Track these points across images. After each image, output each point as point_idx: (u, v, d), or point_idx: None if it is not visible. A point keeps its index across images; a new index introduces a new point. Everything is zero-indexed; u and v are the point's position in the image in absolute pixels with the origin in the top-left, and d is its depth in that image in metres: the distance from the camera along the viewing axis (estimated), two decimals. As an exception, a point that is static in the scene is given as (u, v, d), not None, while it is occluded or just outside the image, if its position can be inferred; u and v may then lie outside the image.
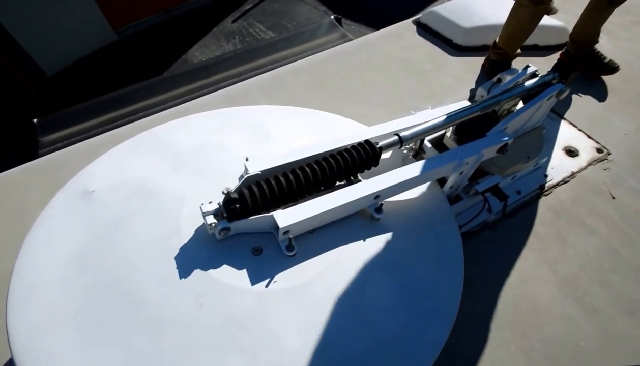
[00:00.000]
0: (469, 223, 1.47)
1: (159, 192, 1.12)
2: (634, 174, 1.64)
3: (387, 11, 6.63)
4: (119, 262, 0.96)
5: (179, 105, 1.92)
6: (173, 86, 2.21)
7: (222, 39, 7.74)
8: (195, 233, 1.00)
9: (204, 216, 0.94)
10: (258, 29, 7.94)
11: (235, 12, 8.28)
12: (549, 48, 2.18)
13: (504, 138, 1.36)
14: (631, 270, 1.38)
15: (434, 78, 2.09)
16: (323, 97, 2.03)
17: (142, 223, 1.04)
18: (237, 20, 8.09)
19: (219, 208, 0.96)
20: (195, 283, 0.91)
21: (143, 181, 1.16)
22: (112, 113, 2.23)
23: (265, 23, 7.99)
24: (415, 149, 1.54)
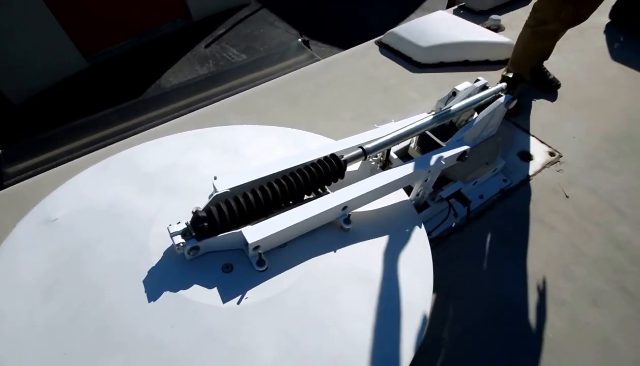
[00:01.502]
0: (438, 229, 1.50)
1: (126, 215, 1.08)
2: (585, 173, 1.73)
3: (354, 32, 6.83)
4: (84, 289, 0.91)
5: (150, 129, 1.90)
6: (145, 110, 2.18)
7: (196, 64, 7.73)
8: (164, 255, 0.98)
9: (172, 236, 0.92)
10: (231, 53, 7.98)
11: (209, 36, 8.31)
12: (499, 62, 2.30)
13: (463, 146, 1.42)
14: (591, 262, 1.45)
15: (398, 92, 2.16)
16: (294, 114, 2.05)
17: (109, 248, 1.00)
18: (210, 44, 8.11)
19: (187, 227, 0.94)
20: (165, 304, 0.89)
21: (110, 204, 1.12)
22: (81, 139, 2.17)
23: (238, 47, 8.05)
24: (382, 160, 1.57)
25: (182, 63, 7.78)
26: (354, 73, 2.31)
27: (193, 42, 8.21)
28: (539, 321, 1.30)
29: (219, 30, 8.62)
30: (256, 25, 8.82)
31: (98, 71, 6.39)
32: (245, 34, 8.53)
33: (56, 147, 2.16)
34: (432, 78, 2.23)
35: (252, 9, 9.32)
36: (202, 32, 8.43)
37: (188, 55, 7.91)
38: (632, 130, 1.93)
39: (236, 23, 8.79)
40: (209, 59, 7.82)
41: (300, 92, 2.18)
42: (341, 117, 2.01)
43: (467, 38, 2.31)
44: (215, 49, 8.09)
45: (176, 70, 7.65)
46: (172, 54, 7.74)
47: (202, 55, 7.95)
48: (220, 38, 8.41)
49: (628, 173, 1.73)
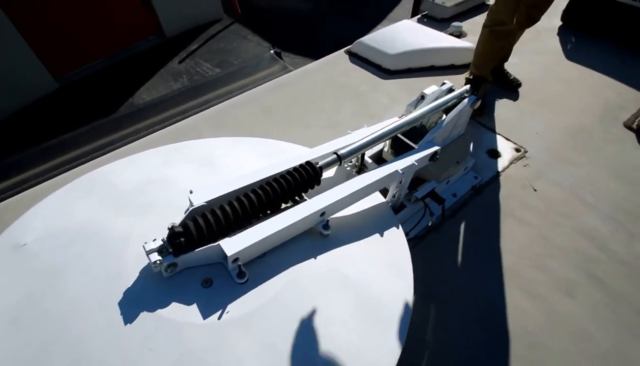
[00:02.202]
0: (415, 228, 1.51)
1: (100, 235, 1.04)
2: (549, 167, 1.80)
3: (324, 43, 6.92)
4: (56, 316, 0.86)
5: (123, 146, 1.84)
6: (118, 128, 2.11)
7: (170, 80, 7.60)
8: (140, 274, 0.94)
9: (148, 254, 0.89)
10: (205, 68, 7.90)
11: (182, 52, 8.21)
12: (463, 66, 2.38)
13: (434, 147, 1.44)
14: (562, 253, 1.49)
15: (370, 99, 2.19)
16: (269, 124, 2.04)
17: (81, 271, 0.95)
18: (184, 60, 8.01)
19: (163, 244, 0.91)
20: (142, 326, 0.84)
21: (82, 226, 1.07)
22: (52, 161, 2.08)
23: (212, 61, 7.98)
24: (358, 165, 1.58)
25: (156, 79, 7.64)
26: (326, 82, 2.33)
27: (166, 58, 8.09)
28: (518, 315, 1.32)
29: (192, 46, 8.53)
30: (229, 40, 8.80)
31: (69, 92, 6.18)
32: (218, 48, 8.49)
33: (25, 170, 2.06)
34: (401, 83, 2.28)
35: (224, 24, 9.30)
36: (176, 48, 8.33)
37: (162, 72, 7.78)
38: (588, 124, 2.02)
39: (209, 38, 8.73)
40: (182, 74, 7.72)
41: (274, 102, 2.17)
42: (315, 126, 2.02)
43: (432, 45, 2.38)
44: (189, 64, 8.00)
45: (150, 87, 7.50)
46: (145, 71, 7.59)
47: (175, 70, 7.84)
48: (193, 53, 8.33)
49: (589, 165, 1.81)
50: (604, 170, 1.79)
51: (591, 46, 2.38)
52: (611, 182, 1.74)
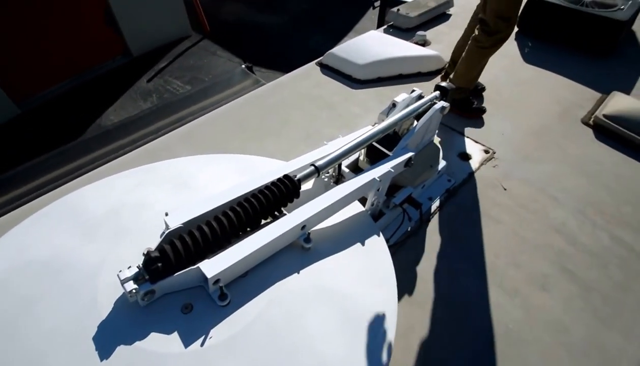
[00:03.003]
0: (395, 234, 1.53)
1: (69, 267, 0.98)
2: (517, 166, 1.87)
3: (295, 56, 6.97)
4: (26, 356, 0.80)
5: (94, 170, 1.76)
6: (86, 151, 2.02)
7: (139, 99, 7.43)
8: (115, 305, 0.88)
9: (123, 283, 0.84)
10: (175, 85, 7.78)
11: (150, 71, 8.04)
12: (430, 73, 2.46)
13: (408, 153, 1.47)
14: (533, 248, 1.54)
15: (343, 109, 2.21)
16: (244, 140, 2.02)
17: (52, 306, 0.89)
18: (152, 79, 7.85)
19: (139, 271, 0.86)
20: (119, 360, 0.80)
21: (50, 258, 1.01)
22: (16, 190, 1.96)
23: (182, 79, 7.86)
24: (335, 175, 1.58)
25: (124, 100, 7.45)
26: (299, 94, 2.34)
27: (134, 77, 7.90)
28: (498, 313, 1.35)
29: (160, 64, 8.38)
30: (199, 56, 8.71)
31: (32, 117, 5.90)
32: (188, 65, 8.38)
33: (-15, 202, 1.93)
34: (372, 92, 2.32)
35: (193, 41, 9.20)
36: (144, 67, 8.15)
37: (130, 92, 7.59)
38: (549, 122, 2.13)
39: (178, 55, 8.61)
40: (152, 93, 7.56)
41: (247, 117, 2.16)
42: (291, 138, 2.01)
43: (399, 54, 2.45)
44: (158, 83, 7.85)
45: (118, 108, 7.30)
46: (112, 92, 7.38)
47: (144, 90, 7.67)
48: (162, 71, 8.19)
49: (553, 162, 1.90)
50: (567, 166, 1.88)
51: (546, 50, 2.53)
52: (574, 176, 1.83)
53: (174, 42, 8.83)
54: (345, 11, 9.49)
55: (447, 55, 2.64)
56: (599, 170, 1.87)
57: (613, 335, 1.29)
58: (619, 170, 1.87)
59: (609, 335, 1.29)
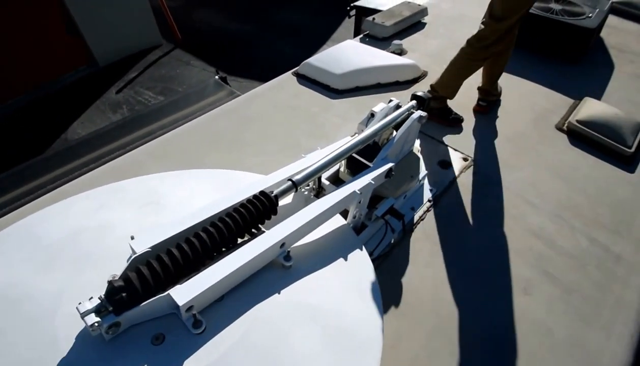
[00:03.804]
0: (379, 247, 1.52)
1: (25, 300, 0.91)
2: (495, 173, 1.92)
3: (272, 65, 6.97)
4: None
5: (55, 189, 1.66)
6: (48, 169, 1.91)
7: (108, 111, 7.22)
8: (77, 340, 0.82)
9: (83, 317, 0.78)
10: (147, 96, 7.62)
11: (119, 81, 7.85)
12: (407, 82, 2.50)
13: (388, 163, 1.48)
14: (514, 253, 1.57)
15: (321, 119, 2.21)
16: (219, 154, 1.97)
17: (6, 344, 0.82)
18: (122, 89, 7.66)
19: (101, 302, 0.81)
20: None
21: (6, 288, 0.93)
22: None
23: (154, 89, 7.71)
24: (315, 188, 1.57)
25: (92, 112, 7.22)
26: (276, 105, 2.32)
27: (102, 88, 7.69)
28: (483, 319, 1.36)
29: (130, 74, 8.20)
30: (171, 66, 8.57)
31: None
32: (160, 75, 8.23)
33: None
34: (351, 102, 2.33)
35: (164, 50, 9.06)
36: (112, 78, 7.95)
37: (97, 103, 7.37)
38: (524, 129, 2.20)
39: (149, 65, 8.45)
40: (122, 105, 7.37)
41: (222, 130, 2.12)
42: (268, 151, 1.98)
43: (376, 63, 2.48)
44: (128, 94, 7.66)
45: (85, 120, 7.06)
46: (78, 104, 7.14)
47: (113, 101, 7.47)
48: (132, 82, 8.00)
49: (530, 167, 1.96)
50: (544, 171, 1.95)
51: (520, 57, 2.63)
52: (551, 181, 1.89)
53: (144, 51, 8.66)
54: (321, 20, 9.63)
55: (423, 64, 2.70)
56: (574, 175, 1.94)
57: (594, 334, 1.33)
58: (594, 173, 1.95)
59: (590, 334, 1.33)
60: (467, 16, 3.36)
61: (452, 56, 2.76)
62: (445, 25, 3.20)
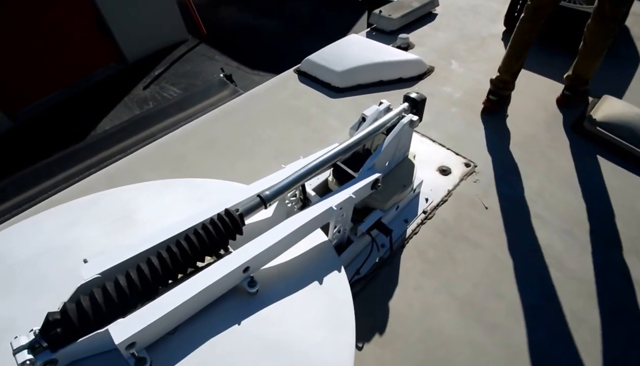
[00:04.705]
0: (365, 265, 1.39)
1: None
2: (499, 181, 1.71)
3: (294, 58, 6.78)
4: None
5: (46, 200, 1.64)
6: (49, 175, 1.90)
7: (135, 108, 7.36)
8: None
9: (15, 353, 0.72)
10: (172, 92, 7.70)
11: (146, 78, 7.97)
12: (412, 79, 2.30)
13: (374, 174, 1.33)
14: (516, 275, 1.38)
15: (319, 122, 2.07)
16: (214, 159, 1.89)
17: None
18: (148, 86, 7.77)
19: (35, 338, 0.74)
20: None
21: None
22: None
23: (178, 85, 7.78)
24: (302, 200, 1.46)
25: (120, 108, 7.39)
26: (274, 106, 2.21)
27: (130, 85, 7.84)
28: (475, 353, 1.19)
29: (157, 70, 8.31)
30: (196, 62, 8.61)
31: (25, 130, 5.87)
32: (184, 71, 8.29)
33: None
34: (351, 102, 2.18)
35: (189, 46, 9.10)
36: (140, 74, 8.08)
37: (126, 100, 7.53)
38: (536, 132, 1.96)
39: (174, 61, 8.53)
40: (148, 101, 7.49)
41: (219, 133, 2.03)
42: (262, 156, 1.88)
43: (379, 59, 2.30)
44: (154, 90, 7.78)
45: (113, 117, 7.24)
46: (108, 101, 7.32)
47: (141, 97, 7.61)
48: (158, 78, 8.11)
49: (539, 175, 1.74)
50: (554, 179, 1.72)
51: (533, 50, 2.34)
52: (561, 191, 1.67)
53: (170, 46, 8.73)
54: (343, 14, 9.31)
55: (430, 58, 2.48)
56: (589, 184, 1.70)
57: None
58: (611, 182, 1.70)
59: None
60: (481, 6, 3.06)
61: (462, 50, 2.53)
62: (456, 17, 2.92)
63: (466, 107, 2.09)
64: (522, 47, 1.98)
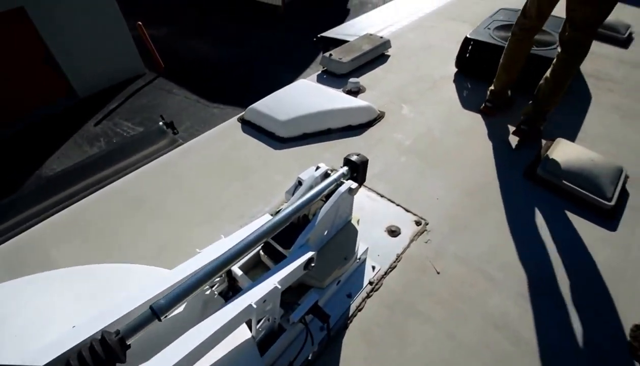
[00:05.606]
0: (298, 358, 1.21)
1: None
2: (451, 239, 1.61)
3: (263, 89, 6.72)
4: None
5: None
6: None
7: (85, 144, 7.02)
8: None
9: None
10: (126, 127, 7.44)
11: (99, 113, 7.69)
12: (362, 126, 2.22)
13: (307, 253, 1.18)
14: (469, 354, 1.25)
15: (260, 176, 1.93)
16: (137, 224, 1.68)
17: None
18: (100, 122, 7.48)
19: None
20: None
21: None
22: None
23: (133, 120, 7.54)
24: (227, 281, 1.28)
25: (69, 146, 7.02)
26: (214, 158, 2.05)
27: (81, 121, 7.52)
28: None
29: (111, 105, 8.05)
30: (153, 95, 8.43)
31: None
32: (140, 105, 8.08)
33: None
34: (296, 153, 2.05)
35: (147, 79, 8.93)
36: (91, 110, 7.80)
37: (75, 137, 7.19)
38: (488, 178, 1.90)
39: (130, 95, 8.31)
40: (100, 137, 7.18)
41: (147, 193, 1.83)
42: (192, 221, 1.69)
43: (327, 106, 2.21)
44: (106, 126, 7.49)
45: (61, 155, 6.85)
46: (55, 138, 6.94)
47: (91, 134, 7.28)
48: (112, 113, 7.83)
49: (490, 229, 1.65)
50: (508, 233, 1.63)
51: (486, 92, 2.35)
52: (515, 246, 1.58)
53: (126, 81, 8.53)
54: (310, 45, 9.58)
55: (381, 102, 2.43)
56: (544, 236, 1.63)
57: None
58: (568, 233, 1.64)
59: None
60: (434, 46, 3.11)
61: (413, 93, 2.51)
62: (409, 59, 2.93)
63: (417, 156, 2.02)
64: (510, 63, 2.18)
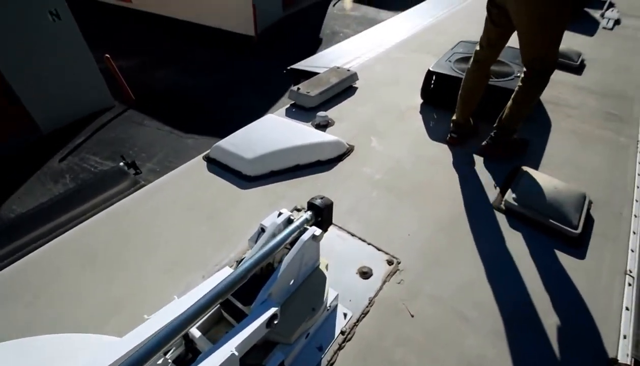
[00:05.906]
0: (264, 426, 1.11)
1: None
2: (425, 278, 1.56)
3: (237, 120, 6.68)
4: None
5: None
6: None
7: (49, 182, 6.71)
8: None
9: None
10: (94, 162, 7.18)
11: (64, 149, 7.41)
12: (330, 161, 2.20)
13: (269, 310, 1.10)
14: None
15: (225, 218, 1.84)
16: (88, 280, 1.55)
17: None
18: (65, 157, 7.19)
19: None
20: None
21: None
22: None
23: (102, 154, 7.30)
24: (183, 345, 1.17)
25: (31, 184, 6.68)
26: (177, 200, 1.95)
27: (44, 157, 7.20)
28: None
29: (77, 140, 7.78)
30: (123, 128, 8.23)
31: None
32: (110, 139, 7.84)
33: None
34: (263, 192, 1.99)
35: (116, 112, 8.74)
36: (56, 145, 7.51)
37: (38, 174, 6.86)
38: (459, 211, 1.89)
39: (97, 129, 8.08)
40: (65, 174, 6.89)
41: (101, 244, 1.70)
42: (149, 272, 1.58)
43: (295, 142, 2.17)
44: (72, 162, 7.20)
45: (22, 195, 6.50)
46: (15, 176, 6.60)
47: (56, 170, 6.97)
48: (78, 148, 7.56)
49: (463, 264, 1.62)
50: (480, 267, 1.61)
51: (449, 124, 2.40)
52: (488, 281, 1.55)
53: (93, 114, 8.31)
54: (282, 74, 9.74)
55: (350, 135, 2.43)
56: (516, 268, 1.61)
57: None
58: (539, 262, 1.62)
59: None
60: (401, 77, 3.19)
61: (381, 125, 2.53)
62: (376, 90, 2.98)
63: (387, 190, 2.00)
64: (468, 94, 2.26)
